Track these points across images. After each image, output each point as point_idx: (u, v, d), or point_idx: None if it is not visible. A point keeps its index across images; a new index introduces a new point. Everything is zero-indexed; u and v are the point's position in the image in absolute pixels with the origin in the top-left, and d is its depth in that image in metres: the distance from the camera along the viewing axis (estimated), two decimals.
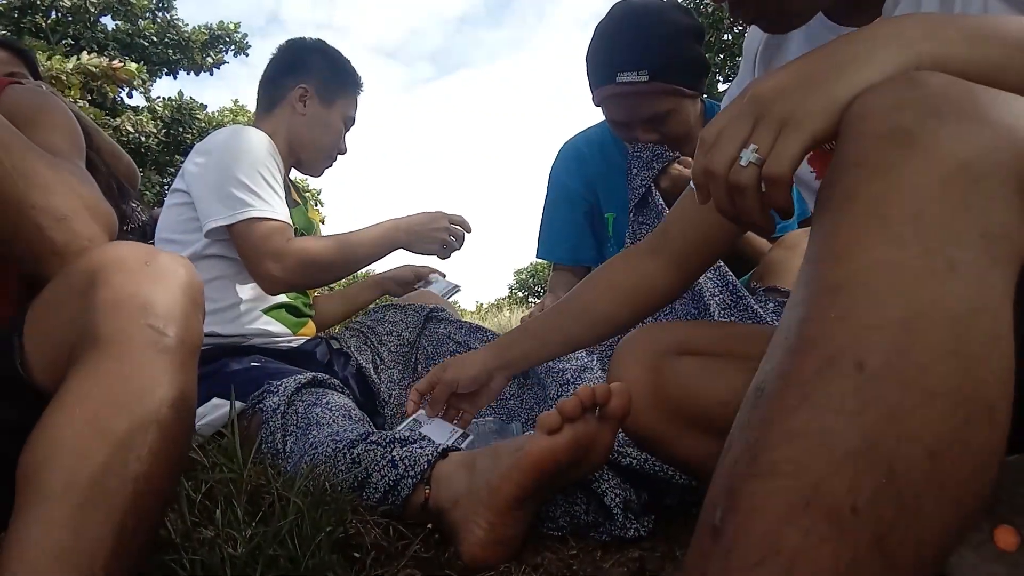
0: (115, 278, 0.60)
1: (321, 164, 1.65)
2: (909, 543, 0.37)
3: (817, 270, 0.44)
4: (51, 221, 0.65)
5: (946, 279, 0.39)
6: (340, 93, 1.60)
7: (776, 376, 0.42)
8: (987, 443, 0.39)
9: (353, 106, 1.64)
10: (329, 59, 1.63)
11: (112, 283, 0.60)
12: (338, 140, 1.63)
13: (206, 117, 10.09)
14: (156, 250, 0.66)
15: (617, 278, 1.03)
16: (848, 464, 0.37)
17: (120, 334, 0.58)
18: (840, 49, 0.52)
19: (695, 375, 0.85)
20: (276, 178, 1.44)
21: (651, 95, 1.40)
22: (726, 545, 0.38)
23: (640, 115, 1.43)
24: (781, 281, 1.40)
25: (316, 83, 1.58)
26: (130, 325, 0.59)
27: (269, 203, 1.39)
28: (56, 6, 8.80)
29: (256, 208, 1.37)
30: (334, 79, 1.61)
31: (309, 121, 1.58)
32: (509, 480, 0.79)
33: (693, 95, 1.46)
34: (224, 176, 1.39)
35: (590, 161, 1.68)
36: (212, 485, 0.82)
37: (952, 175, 0.41)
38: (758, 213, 0.54)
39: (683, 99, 1.43)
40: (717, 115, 0.58)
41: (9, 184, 0.63)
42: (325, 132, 1.60)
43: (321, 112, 1.59)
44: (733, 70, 9.92)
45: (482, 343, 1.54)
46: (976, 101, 0.43)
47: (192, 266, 0.67)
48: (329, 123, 1.60)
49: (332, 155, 1.65)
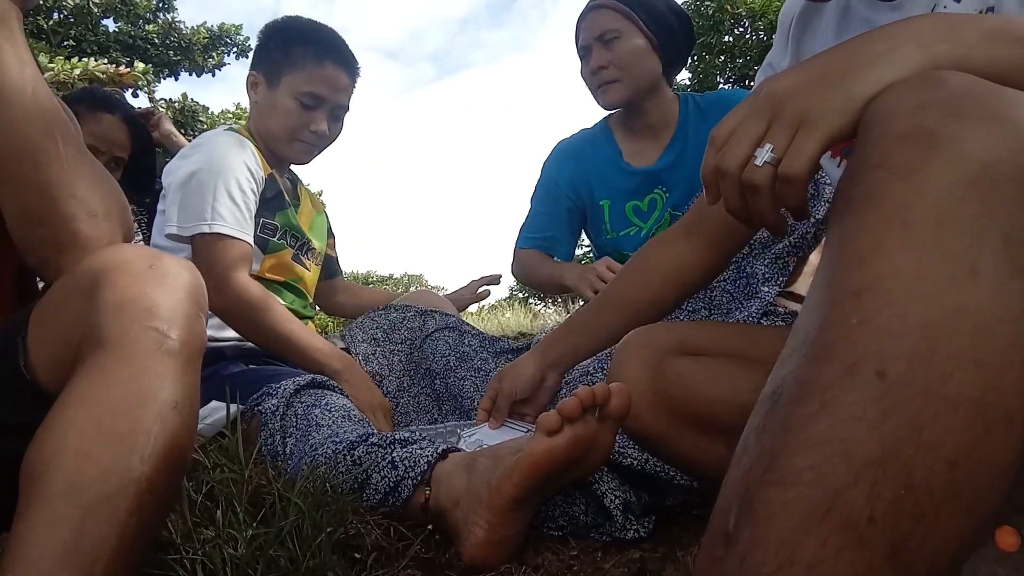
0: (120, 280, 0.61)
1: (288, 150, 1.51)
2: (925, 553, 0.36)
3: (837, 273, 0.43)
4: (84, 214, 0.66)
5: (968, 285, 0.39)
6: (286, 69, 1.45)
7: (794, 382, 0.41)
8: (1006, 452, 0.38)
9: (310, 80, 1.45)
10: (281, 36, 1.49)
11: (117, 285, 0.60)
12: (292, 119, 1.46)
13: (208, 119, 10.10)
14: (160, 253, 0.66)
15: (654, 263, 1.03)
16: (868, 474, 0.36)
17: (124, 336, 0.58)
18: (858, 48, 0.52)
19: (695, 375, 0.85)
20: (243, 188, 1.38)
21: (609, 10, 1.61)
22: (740, 553, 0.38)
23: (597, 30, 1.61)
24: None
25: (264, 66, 1.49)
26: (134, 327, 0.59)
27: (223, 216, 1.33)
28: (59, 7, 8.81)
29: (206, 223, 1.32)
30: (279, 55, 1.47)
31: (260, 108, 1.50)
32: (509, 480, 0.79)
33: (647, 36, 1.61)
34: (192, 185, 1.36)
35: (583, 154, 1.76)
36: (213, 485, 0.82)
37: (975, 178, 0.40)
38: (771, 213, 0.54)
39: (634, 30, 1.60)
40: (728, 114, 0.57)
41: (57, 168, 0.65)
42: (274, 115, 1.47)
43: (269, 95, 1.48)
44: (734, 70, 9.91)
45: (483, 346, 1.55)
46: (998, 102, 0.43)
47: (195, 269, 0.67)
48: (276, 104, 1.47)
49: (295, 138, 1.49)
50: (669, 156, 1.69)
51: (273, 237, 1.51)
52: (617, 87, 1.61)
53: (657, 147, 1.71)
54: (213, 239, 1.33)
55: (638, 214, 1.69)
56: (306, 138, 1.50)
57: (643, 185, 1.69)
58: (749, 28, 9.68)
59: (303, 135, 1.50)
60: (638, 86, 1.62)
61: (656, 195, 1.68)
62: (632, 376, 0.87)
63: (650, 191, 1.69)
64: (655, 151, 1.71)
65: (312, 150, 1.55)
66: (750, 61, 9.61)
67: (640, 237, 1.70)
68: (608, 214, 1.71)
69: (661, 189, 1.68)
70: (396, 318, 1.65)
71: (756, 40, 9.53)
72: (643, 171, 1.69)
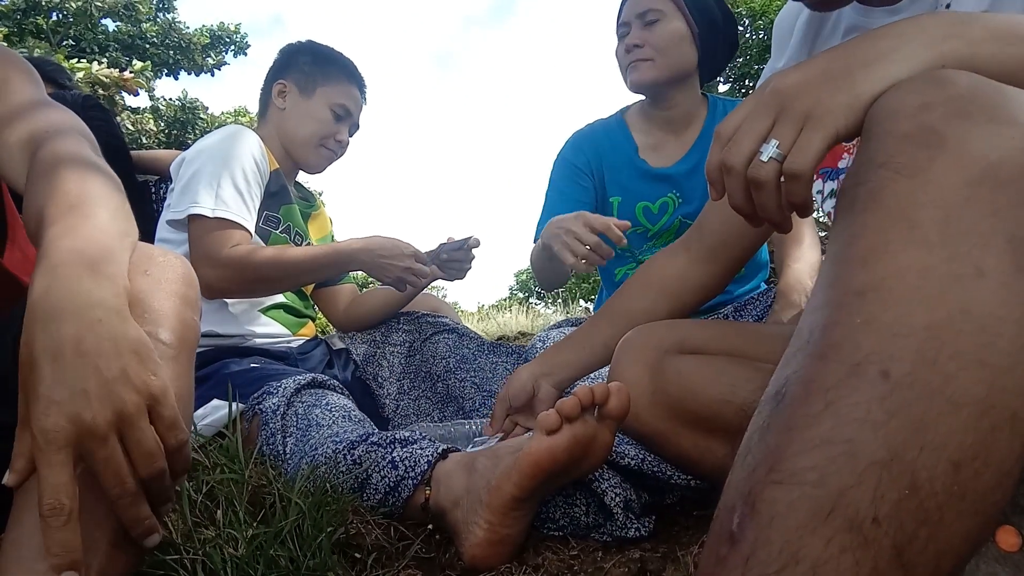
0: None
1: (312, 156, 1.60)
2: (929, 553, 0.36)
3: (842, 273, 0.43)
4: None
5: (973, 286, 0.39)
6: (321, 81, 1.58)
7: (798, 381, 0.41)
8: (1009, 453, 0.38)
9: (343, 94, 1.59)
10: (311, 53, 1.61)
11: None
12: (324, 128, 1.58)
13: (208, 118, 10.10)
14: (152, 249, 0.65)
15: (652, 277, 1.04)
16: (872, 474, 0.36)
17: None
18: (864, 46, 0.52)
19: (695, 374, 0.85)
20: (248, 179, 1.41)
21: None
22: (744, 552, 0.38)
23: (638, 8, 1.57)
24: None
25: (295, 77, 1.58)
26: None
27: (225, 202, 1.35)
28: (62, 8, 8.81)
29: (200, 205, 1.34)
30: (315, 69, 1.58)
31: (289, 114, 1.57)
32: (508, 480, 0.79)
33: (688, 23, 1.57)
34: (195, 171, 1.39)
35: (600, 144, 1.71)
36: (213, 485, 0.82)
37: (980, 178, 0.40)
38: (776, 210, 0.54)
39: (677, 14, 1.56)
40: (733, 110, 0.57)
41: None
42: (306, 121, 1.57)
43: (301, 103, 1.57)
44: (734, 69, 9.91)
45: (481, 349, 1.54)
46: (1004, 101, 0.43)
47: (188, 263, 0.67)
48: (310, 112, 1.57)
49: (322, 144, 1.59)
50: (689, 161, 1.63)
51: (276, 230, 1.53)
52: (649, 66, 1.56)
53: (676, 146, 1.65)
54: (214, 223, 1.34)
55: (647, 215, 1.65)
56: (331, 145, 1.61)
57: (657, 187, 1.64)
58: (749, 27, 9.68)
59: (329, 143, 1.60)
60: (671, 71, 1.57)
61: (669, 199, 1.63)
62: (632, 375, 0.87)
63: (664, 194, 1.64)
64: (674, 150, 1.65)
65: (332, 158, 1.64)
66: (750, 60, 9.61)
67: (647, 237, 1.66)
68: (616, 212, 1.66)
69: (675, 193, 1.63)
70: (395, 319, 1.65)
71: (756, 39, 9.54)
72: (659, 172, 1.64)
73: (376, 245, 1.44)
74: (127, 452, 0.50)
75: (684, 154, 1.64)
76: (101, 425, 0.48)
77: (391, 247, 1.44)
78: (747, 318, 1.51)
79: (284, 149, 1.59)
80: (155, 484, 0.51)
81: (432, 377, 1.54)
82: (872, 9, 0.77)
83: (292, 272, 1.41)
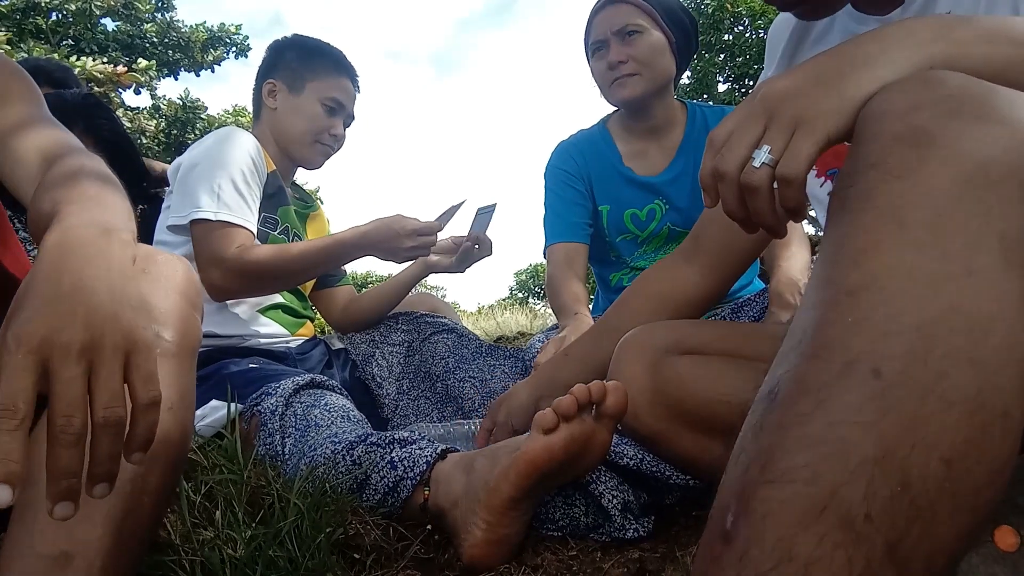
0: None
1: (308, 152, 1.59)
2: (921, 551, 0.36)
3: (833, 273, 0.43)
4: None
5: (964, 285, 0.39)
6: (309, 76, 1.56)
7: (790, 380, 0.41)
8: (1001, 450, 0.38)
9: (333, 87, 1.57)
10: (297, 48, 1.60)
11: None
12: (317, 123, 1.56)
13: (208, 118, 10.10)
14: (153, 250, 0.65)
15: (651, 289, 1.04)
16: (864, 472, 0.37)
17: None
18: (852, 49, 0.52)
19: (694, 373, 0.85)
20: (248, 180, 1.41)
21: (628, 5, 1.59)
22: (738, 550, 0.38)
23: (615, 25, 1.58)
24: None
25: (283, 74, 1.57)
26: None
27: (227, 204, 1.36)
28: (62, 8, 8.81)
29: (202, 209, 1.34)
30: (302, 64, 1.57)
31: (281, 113, 1.56)
32: (506, 480, 0.79)
33: (665, 34, 1.60)
34: (193, 174, 1.39)
35: (586, 153, 1.73)
36: (212, 486, 0.82)
37: (970, 177, 0.41)
38: (770, 215, 0.54)
39: (654, 26, 1.58)
40: (725, 118, 0.57)
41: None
42: (298, 119, 1.56)
43: (291, 100, 1.56)
44: (734, 69, 9.92)
45: (478, 351, 1.54)
46: (994, 101, 0.43)
47: (189, 265, 0.67)
48: (301, 108, 1.55)
49: (317, 140, 1.58)
50: (673, 170, 1.66)
51: (274, 231, 1.53)
52: (636, 80, 1.58)
53: (659, 153, 1.68)
54: (217, 226, 1.35)
55: (635, 222, 1.68)
56: (326, 140, 1.59)
57: (644, 195, 1.67)
58: (749, 27, 9.68)
59: (324, 138, 1.59)
60: (655, 83, 1.59)
61: (655, 206, 1.67)
62: (631, 375, 0.87)
63: (650, 201, 1.67)
64: (657, 158, 1.68)
65: (328, 153, 1.63)
66: (749, 60, 9.62)
67: (636, 243, 1.69)
68: (606, 220, 1.70)
69: (661, 200, 1.66)
70: (393, 319, 1.65)
71: (756, 39, 9.54)
72: (645, 181, 1.67)
73: (374, 236, 1.43)
74: (91, 392, 0.46)
75: (668, 163, 1.68)
76: (75, 343, 0.46)
77: (389, 235, 1.43)
78: (745, 318, 1.51)
79: (280, 148, 1.59)
80: (104, 441, 0.47)
81: (431, 377, 1.54)
82: (867, 17, 0.78)
83: (298, 267, 1.41)
